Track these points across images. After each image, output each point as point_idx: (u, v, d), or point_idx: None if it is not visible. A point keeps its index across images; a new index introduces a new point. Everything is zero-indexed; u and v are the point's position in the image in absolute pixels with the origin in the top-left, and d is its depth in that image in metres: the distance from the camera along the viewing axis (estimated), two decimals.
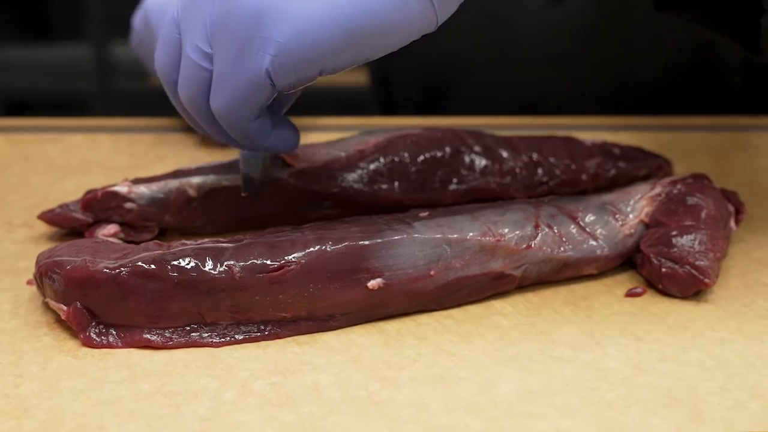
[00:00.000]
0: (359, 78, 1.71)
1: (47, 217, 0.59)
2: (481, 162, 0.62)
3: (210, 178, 0.60)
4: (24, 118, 0.85)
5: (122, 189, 0.59)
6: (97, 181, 0.69)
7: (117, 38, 2.02)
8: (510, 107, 0.89)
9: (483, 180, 0.62)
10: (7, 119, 0.84)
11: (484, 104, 0.90)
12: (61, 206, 0.59)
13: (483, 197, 0.62)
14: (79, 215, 0.59)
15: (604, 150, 0.65)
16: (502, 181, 0.62)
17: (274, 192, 0.60)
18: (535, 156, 0.63)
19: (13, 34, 2.13)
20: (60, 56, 2.13)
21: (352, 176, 0.60)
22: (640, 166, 0.66)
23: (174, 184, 0.59)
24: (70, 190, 0.67)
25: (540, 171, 0.63)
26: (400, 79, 0.99)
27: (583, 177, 0.64)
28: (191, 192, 0.59)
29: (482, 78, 0.92)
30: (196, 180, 0.59)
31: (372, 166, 0.61)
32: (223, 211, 0.60)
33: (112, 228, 0.58)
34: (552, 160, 0.63)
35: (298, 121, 0.85)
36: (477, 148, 0.63)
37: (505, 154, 0.63)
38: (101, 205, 0.59)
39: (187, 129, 0.81)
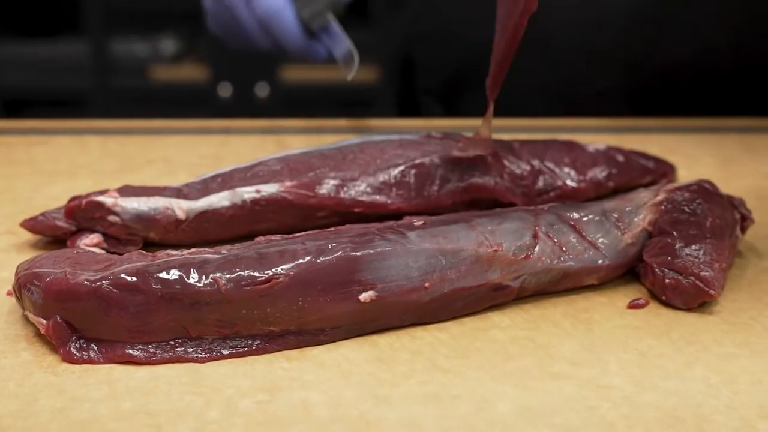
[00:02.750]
0: (372, 76, 1.70)
1: (29, 224, 0.58)
2: (480, 162, 0.60)
3: (201, 203, 0.57)
4: (10, 120, 0.83)
5: (107, 200, 0.56)
6: (84, 185, 0.67)
7: (116, 35, 2.00)
8: (528, 107, 0.87)
9: (481, 179, 0.60)
10: None
11: (508, 101, 0.89)
12: (43, 213, 0.58)
13: (481, 197, 0.60)
14: (62, 223, 0.57)
15: (608, 157, 0.64)
16: (501, 182, 0.60)
17: (267, 209, 0.58)
18: (536, 163, 0.62)
19: (10, 30, 2.11)
20: (58, 53, 2.11)
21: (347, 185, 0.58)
22: (644, 173, 0.64)
23: (162, 203, 0.56)
24: (56, 195, 0.65)
25: (541, 180, 0.61)
26: (425, 69, 0.97)
27: (585, 186, 0.62)
28: (180, 214, 0.56)
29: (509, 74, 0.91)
30: (186, 203, 0.57)
31: (369, 177, 0.59)
32: (214, 232, 0.57)
33: (95, 238, 0.56)
34: (554, 169, 0.62)
35: (310, 122, 0.84)
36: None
37: (505, 159, 0.61)
38: (84, 215, 0.56)
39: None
